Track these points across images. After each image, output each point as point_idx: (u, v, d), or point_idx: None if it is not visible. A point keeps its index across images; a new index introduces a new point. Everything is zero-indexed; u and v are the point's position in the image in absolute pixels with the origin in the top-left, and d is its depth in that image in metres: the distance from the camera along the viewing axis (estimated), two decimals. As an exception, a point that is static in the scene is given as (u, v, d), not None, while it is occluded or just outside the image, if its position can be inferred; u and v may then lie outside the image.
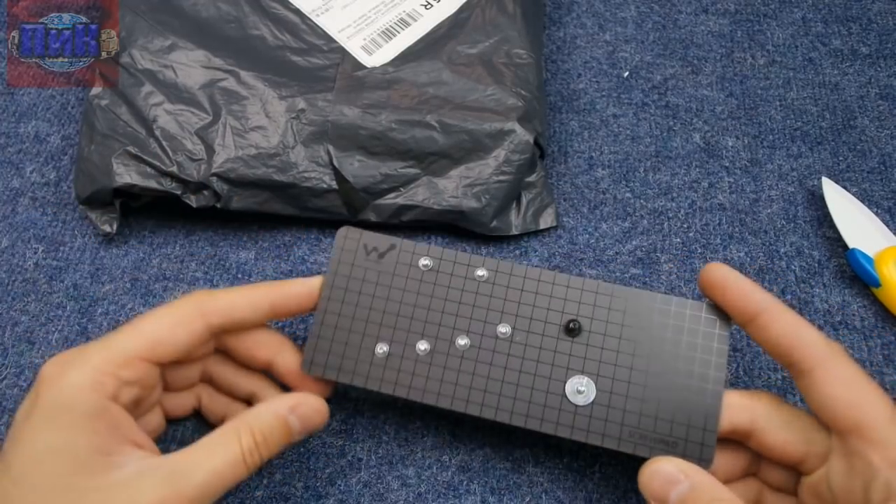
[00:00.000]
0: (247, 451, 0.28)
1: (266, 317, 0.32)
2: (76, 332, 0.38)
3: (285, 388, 0.33)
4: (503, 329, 0.32)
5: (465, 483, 0.34)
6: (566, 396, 0.31)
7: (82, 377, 0.27)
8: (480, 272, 0.33)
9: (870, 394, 0.27)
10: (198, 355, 0.32)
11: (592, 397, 0.31)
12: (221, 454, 0.27)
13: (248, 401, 0.33)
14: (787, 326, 0.29)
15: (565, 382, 0.31)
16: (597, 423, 0.30)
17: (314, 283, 0.33)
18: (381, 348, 0.32)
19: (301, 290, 0.32)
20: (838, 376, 0.27)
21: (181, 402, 0.33)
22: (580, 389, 0.31)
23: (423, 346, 0.32)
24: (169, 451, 0.28)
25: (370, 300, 0.33)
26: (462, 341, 0.32)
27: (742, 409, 0.29)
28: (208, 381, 0.34)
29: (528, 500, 0.34)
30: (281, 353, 0.32)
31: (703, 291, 0.31)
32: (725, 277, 0.30)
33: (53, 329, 0.38)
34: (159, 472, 0.26)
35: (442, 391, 0.31)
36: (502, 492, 0.34)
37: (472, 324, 0.32)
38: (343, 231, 0.34)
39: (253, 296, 0.31)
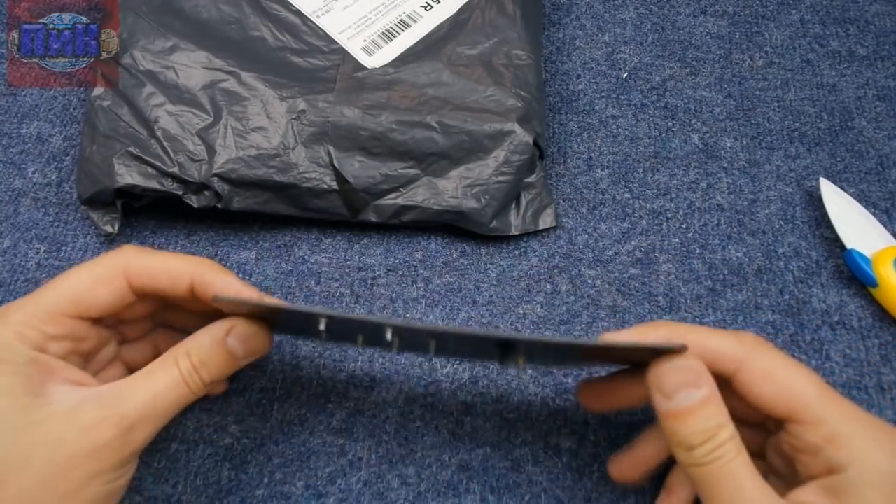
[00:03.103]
0: (186, 374, 0.28)
1: (187, 295, 0.30)
2: (78, 332, 0.38)
3: None
4: None
5: (465, 482, 0.34)
6: None
7: (5, 331, 0.28)
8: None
9: (795, 378, 0.27)
10: (137, 313, 0.32)
11: None
12: (160, 377, 0.28)
13: None
14: (694, 345, 0.28)
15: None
16: None
17: (244, 290, 0.30)
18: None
19: (224, 282, 0.30)
20: (759, 372, 0.28)
21: (140, 352, 0.34)
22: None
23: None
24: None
25: None
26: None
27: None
28: (163, 324, 0.34)
29: (527, 499, 0.34)
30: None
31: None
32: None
33: (55, 329, 0.38)
34: (96, 398, 0.27)
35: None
36: (502, 491, 0.34)
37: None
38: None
39: (174, 268, 0.30)
